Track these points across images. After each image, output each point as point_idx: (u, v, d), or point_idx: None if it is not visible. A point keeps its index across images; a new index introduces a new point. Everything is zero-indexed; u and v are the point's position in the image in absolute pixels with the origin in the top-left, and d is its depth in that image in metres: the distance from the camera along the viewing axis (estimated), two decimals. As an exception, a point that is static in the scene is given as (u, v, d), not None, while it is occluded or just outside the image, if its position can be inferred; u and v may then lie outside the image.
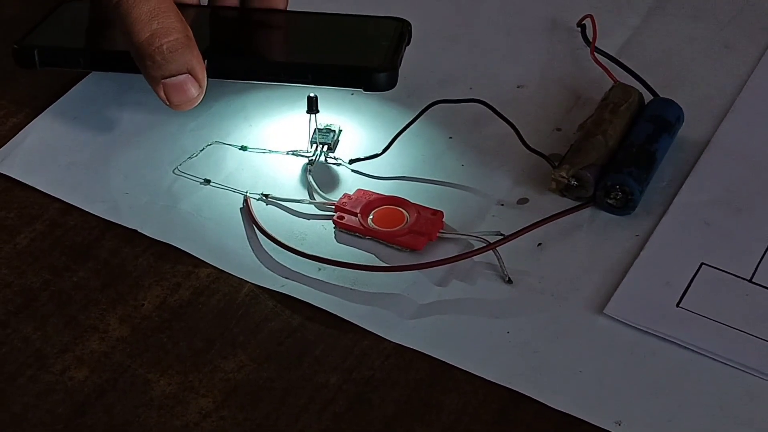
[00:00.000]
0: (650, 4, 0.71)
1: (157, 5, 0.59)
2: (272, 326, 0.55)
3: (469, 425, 0.51)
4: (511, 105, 0.63)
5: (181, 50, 0.60)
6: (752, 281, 0.56)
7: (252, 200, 0.60)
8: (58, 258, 0.58)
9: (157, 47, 0.59)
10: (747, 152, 0.62)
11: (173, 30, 0.60)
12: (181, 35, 0.60)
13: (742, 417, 0.51)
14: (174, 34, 0.59)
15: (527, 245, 0.58)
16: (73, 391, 0.52)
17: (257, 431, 0.50)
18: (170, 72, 0.60)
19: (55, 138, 0.64)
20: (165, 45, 0.59)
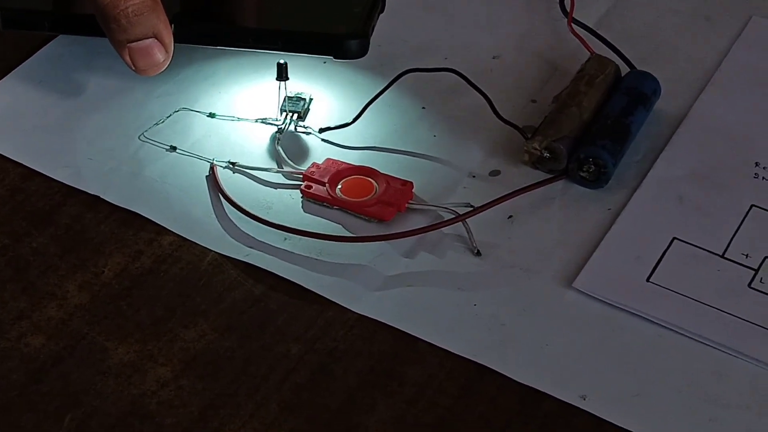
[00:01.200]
0: None
1: None
2: (235, 295, 0.54)
3: (432, 398, 0.51)
4: (486, 75, 0.63)
5: (146, 13, 0.59)
6: (724, 257, 0.56)
7: (218, 168, 0.59)
8: (18, 223, 0.57)
9: (122, 10, 0.58)
10: (723, 127, 0.62)
11: None
12: None
13: (710, 393, 0.51)
14: None
15: (498, 217, 0.58)
16: (29, 358, 0.52)
17: (216, 401, 0.50)
18: (135, 36, 0.59)
19: (19, 102, 0.63)
20: (130, 8, 0.58)
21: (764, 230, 0.57)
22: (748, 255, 0.56)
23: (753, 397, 0.51)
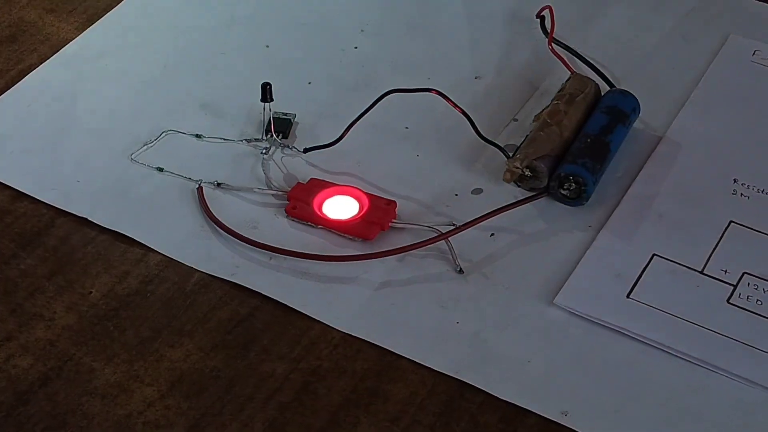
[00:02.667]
0: None
1: None
2: (221, 315, 0.54)
3: (415, 415, 0.51)
4: (468, 95, 0.63)
5: None
6: (703, 273, 0.56)
7: (205, 188, 0.59)
8: (6, 245, 0.57)
9: None
10: (702, 144, 0.62)
11: None
12: None
13: (690, 408, 0.51)
14: None
15: (480, 235, 0.58)
16: (17, 380, 0.51)
17: (202, 420, 0.50)
18: None
19: (8, 126, 0.63)
20: None
21: (743, 246, 0.57)
22: (727, 271, 0.56)
23: (733, 412, 0.51)
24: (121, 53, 0.67)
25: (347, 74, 0.65)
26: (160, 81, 0.64)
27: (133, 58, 0.66)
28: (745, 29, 0.68)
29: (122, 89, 0.64)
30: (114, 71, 0.66)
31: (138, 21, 0.68)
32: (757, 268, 0.56)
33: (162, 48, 0.67)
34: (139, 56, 0.66)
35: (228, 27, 0.68)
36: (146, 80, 0.65)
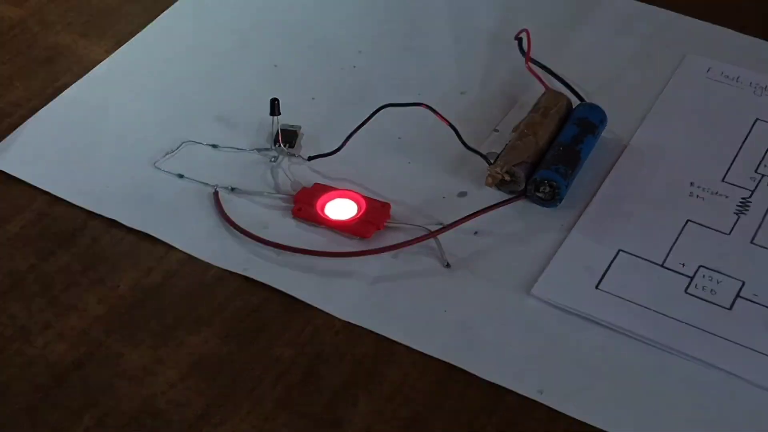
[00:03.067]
0: (580, 20, 0.70)
1: None
2: (234, 305, 0.54)
3: (408, 394, 0.51)
4: (454, 109, 0.63)
5: None
6: (664, 266, 0.56)
7: (221, 192, 0.59)
8: (45, 244, 0.57)
9: None
10: (662, 152, 0.62)
11: None
12: None
13: (652, 388, 0.51)
14: None
15: (465, 233, 0.57)
16: (54, 364, 0.51)
17: (218, 399, 0.50)
18: None
19: (45, 138, 0.63)
20: None
21: (698, 242, 0.57)
22: (684, 264, 0.56)
23: (689, 390, 0.51)
24: (145, 72, 0.66)
25: (346, 90, 0.65)
26: (180, 97, 0.64)
27: (155, 76, 0.66)
28: (700, 49, 0.68)
29: (146, 104, 0.64)
30: (139, 88, 0.65)
31: (160, 44, 0.68)
32: (712, 262, 0.56)
33: (181, 67, 0.67)
34: (161, 75, 0.66)
35: (241, 49, 0.68)
36: (168, 96, 0.65)
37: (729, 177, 0.60)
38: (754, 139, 0.62)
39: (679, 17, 0.70)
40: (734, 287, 0.54)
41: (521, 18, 0.68)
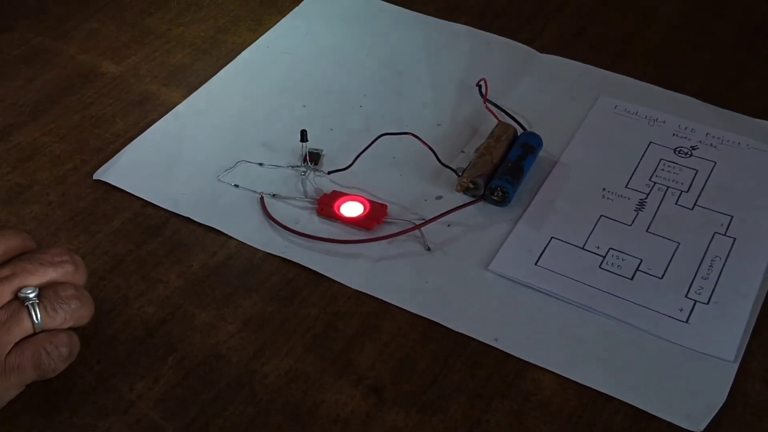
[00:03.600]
0: (523, 71, 0.69)
1: None
2: (275, 278, 0.54)
3: (400, 341, 0.51)
4: (433, 136, 0.62)
5: None
6: (584, 248, 0.56)
7: (265, 198, 0.59)
8: (139, 235, 0.57)
9: None
10: (582, 167, 0.62)
11: None
12: None
13: (576, 336, 0.51)
14: None
15: (441, 226, 0.57)
16: (146, 321, 0.52)
17: (263, 347, 0.50)
18: None
19: (139, 159, 0.62)
20: None
21: (608, 231, 0.57)
22: (599, 247, 0.56)
23: (604, 337, 0.51)
24: (211, 111, 0.66)
25: (355, 123, 0.64)
26: (236, 129, 0.64)
27: (218, 114, 0.66)
28: (609, 92, 0.67)
29: (211, 134, 0.64)
30: (206, 123, 0.65)
31: (221, 91, 0.68)
32: (618, 245, 0.56)
33: (237, 107, 0.66)
34: (222, 113, 0.66)
35: (279, 94, 0.68)
36: (227, 128, 0.65)
37: (630, 184, 0.60)
38: (648, 157, 0.62)
39: (595, 69, 0.69)
40: (634, 263, 0.54)
41: (480, 70, 0.68)
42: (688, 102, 0.66)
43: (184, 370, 0.49)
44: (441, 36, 0.73)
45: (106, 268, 0.54)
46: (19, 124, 0.64)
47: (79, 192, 0.59)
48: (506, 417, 0.47)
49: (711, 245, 0.55)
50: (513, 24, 0.73)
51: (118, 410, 0.47)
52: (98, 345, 0.50)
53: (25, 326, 0.43)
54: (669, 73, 0.68)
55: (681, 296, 0.52)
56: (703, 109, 0.66)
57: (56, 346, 0.44)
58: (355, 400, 0.48)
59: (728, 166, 0.61)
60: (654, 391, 0.48)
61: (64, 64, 0.69)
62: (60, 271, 0.45)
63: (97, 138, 0.63)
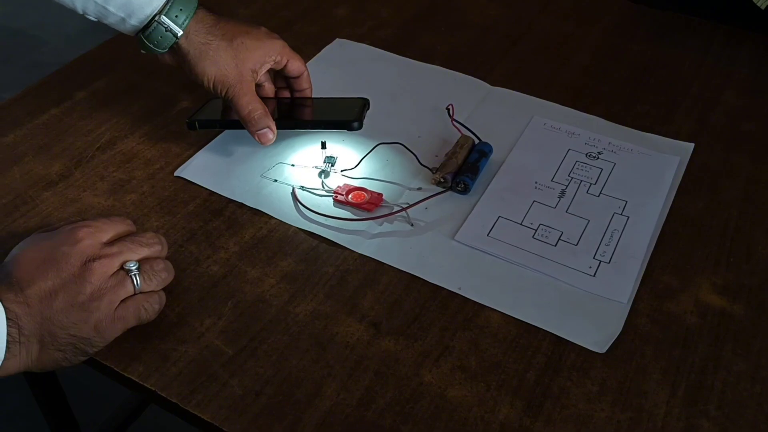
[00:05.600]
0: (478, 99, 0.68)
1: (249, 98, 0.57)
2: (303, 246, 0.53)
3: (392, 291, 0.50)
4: (416, 144, 0.61)
5: (263, 117, 0.57)
6: (522, 224, 0.55)
7: (296, 189, 0.58)
8: (206, 215, 0.56)
9: (252, 117, 0.57)
10: (521, 166, 0.61)
11: (258, 108, 0.57)
12: (262, 110, 0.57)
13: (517, 286, 0.50)
14: (259, 110, 0.57)
15: (420, 209, 0.56)
16: (212, 276, 0.51)
17: (296, 293, 0.50)
18: (259, 127, 0.57)
19: (206, 161, 0.61)
20: (255, 115, 0.57)
21: (539, 212, 0.56)
22: (532, 223, 0.55)
23: (535, 288, 0.50)
24: None
25: (360, 136, 0.62)
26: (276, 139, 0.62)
27: None
28: (540, 113, 0.66)
29: (257, 143, 0.61)
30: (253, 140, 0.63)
31: None
32: (546, 222, 0.55)
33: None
34: None
35: None
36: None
37: (555, 178, 0.59)
38: (567, 159, 0.61)
39: (530, 97, 0.68)
40: (557, 235, 0.54)
41: (448, 98, 0.67)
42: (596, 120, 0.65)
43: (239, 311, 0.48)
44: (421, 74, 0.71)
45: (183, 239, 0.54)
46: (122, 137, 0.63)
47: (164, 185, 0.58)
48: (467, 343, 0.47)
49: (611, 222, 0.55)
50: (472, 65, 0.72)
51: (192, 338, 0.46)
52: (178, 293, 0.49)
53: (128, 289, 0.44)
54: (582, 100, 0.67)
55: (590, 258, 0.52)
56: (606, 125, 0.65)
57: (151, 303, 0.45)
58: (360, 332, 0.47)
59: (624, 166, 0.60)
60: (571, 325, 0.48)
61: (153, 94, 0.68)
62: (152, 250, 0.47)
63: (177, 146, 0.62)
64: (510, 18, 0.79)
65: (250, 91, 0.56)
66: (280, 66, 0.59)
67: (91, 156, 0.61)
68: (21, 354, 0.41)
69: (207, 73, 0.55)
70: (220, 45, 0.54)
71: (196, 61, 0.55)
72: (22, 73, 1.69)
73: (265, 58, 0.57)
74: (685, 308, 0.49)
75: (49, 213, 0.55)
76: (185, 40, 0.54)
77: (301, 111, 0.63)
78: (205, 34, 0.54)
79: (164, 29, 0.53)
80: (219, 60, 0.54)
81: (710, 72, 0.71)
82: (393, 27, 0.77)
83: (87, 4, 0.54)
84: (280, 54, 0.58)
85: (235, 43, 0.55)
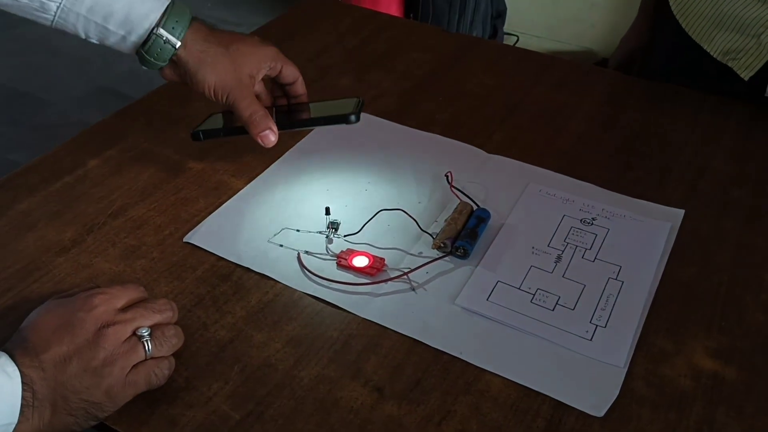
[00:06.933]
0: (476, 167, 0.70)
1: (249, 101, 0.58)
2: (308, 311, 0.55)
3: (395, 355, 0.52)
4: (416, 211, 0.64)
5: (264, 118, 0.58)
6: (520, 288, 0.57)
7: (301, 254, 0.60)
8: (214, 281, 0.58)
9: (253, 119, 0.58)
10: (519, 231, 0.62)
11: (259, 110, 0.58)
12: (263, 112, 0.58)
13: (516, 349, 0.52)
14: (260, 112, 0.58)
15: (421, 273, 0.58)
16: (218, 341, 0.52)
17: (301, 357, 0.51)
18: (261, 129, 0.58)
19: (214, 227, 0.63)
20: (256, 117, 0.58)
21: (536, 277, 0.58)
22: (530, 287, 0.57)
23: (534, 351, 0.51)
24: (264, 194, 0.67)
25: (363, 202, 0.65)
26: (281, 205, 0.65)
27: (269, 195, 0.67)
28: (536, 180, 0.69)
29: (264, 210, 0.65)
30: (260, 202, 0.66)
31: (271, 179, 0.69)
32: (544, 286, 0.57)
33: (282, 190, 0.67)
34: (271, 195, 0.67)
35: (310, 182, 0.69)
36: (275, 205, 0.65)
37: (551, 244, 0.61)
38: (563, 225, 0.63)
39: (526, 165, 0.71)
40: (555, 299, 0.56)
41: (447, 165, 0.69)
42: (590, 187, 0.68)
43: (245, 375, 0.50)
44: (421, 142, 0.75)
45: (191, 304, 0.56)
46: (132, 204, 0.66)
47: (173, 250, 0.61)
48: (468, 407, 0.48)
49: (607, 286, 0.57)
50: (470, 133, 0.75)
51: (200, 403, 0.48)
52: (186, 358, 0.51)
53: (140, 355, 0.46)
54: (576, 167, 0.71)
55: (587, 322, 0.54)
56: (600, 192, 0.68)
57: (161, 369, 0.47)
58: (364, 396, 0.48)
59: (618, 232, 0.63)
60: (569, 388, 0.49)
61: (163, 161, 0.71)
62: (164, 316, 0.49)
63: (186, 213, 0.65)
64: (506, 88, 0.84)
65: (249, 95, 0.57)
66: (275, 72, 0.61)
67: (102, 222, 0.64)
68: (33, 418, 0.43)
69: (207, 80, 0.57)
70: (217, 52, 0.56)
71: (196, 69, 0.56)
72: (28, 135, 1.74)
73: (261, 64, 0.59)
74: (679, 371, 0.51)
75: (62, 278, 0.58)
76: (184, 50, 0.56)
77: (300, 112, 0.66)
78: (202, 42, 0.56)
79: (163, 41, 0.55)
80: (217, 66, 0.56)
81: (700, 139, 0.75)
82: (393, 96, 0.82)
83: (88, 27, 0.55)
84: (275, 60, 0.60)
85: (231, 50, 0.57)
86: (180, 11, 0.57)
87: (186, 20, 0.56)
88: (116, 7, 0.55)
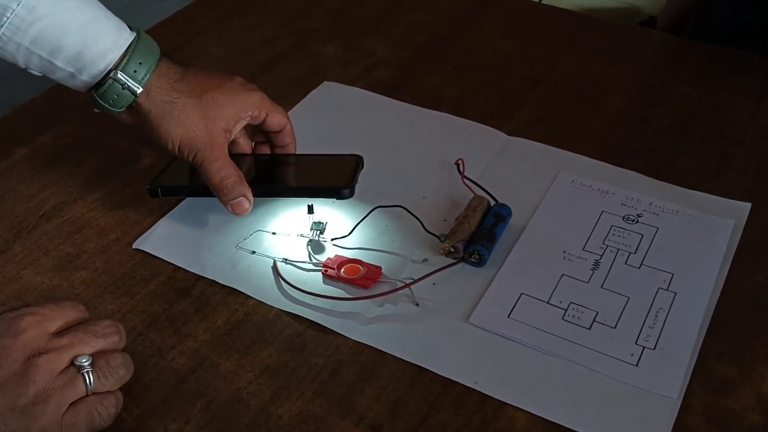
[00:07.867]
0: (493, 151, 0.71)
1: (221, 163, 0.59)
2: (287, 332, 0.55)
3: (395, 386, 0.51)
4: (419, 207, 0.63)
5: (237, 185, 0.59)
6: (549, 302, 0.57)
7: (278, 262, 0.60)
8: (171, 296, 0.58)
9: (224, 186, 0.59)
10: (546, 232, 0.62)
11: (231, 175, 0.59)
12: (236, 177, 0.59)
13: (545, 377, 0.52)
14: (232, 177, 0.59)
15: (427, 285, 0.58)
16: (177, 370, 0.52)
17: (277, 392, 0.51)
18: (233, 197, 0.59)
19: (171, 230, 0.63)
20: (228, 183, 0.59)
21: (569, 288, 0.58)
22: (561, 301, 0.57)
23: (565, 379, 0.52)
24: None
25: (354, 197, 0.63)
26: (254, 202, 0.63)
27: None
28: (567, 169, 0.69)
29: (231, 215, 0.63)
30: None
31: None
32: (578, 300, 0.57)
33: None
34: None
35: None
36: None
37: (587, 247, 0.61)
38: (601, 223, 0.63)
39: (554, 149, 0.71)
40: (592, 315, 0.56)
41: (458, 151, 0.69)
42: (633, 177, 0.68)
43: (210, 413, 0.50)
44: (425, 122, 0.74)
45: (143, 325, 0.55)
46: (70, 202, 0.66)
47: (120, 259, 0.60)
48: (485, 450, 0.48)
49: (656, 299, 0.57)
50: (484, 112, 0.75)
51: (154, 449, 0.48)
52: (137, 392, 0.50)
53: (80, 390, 0.45)
54: (617, 153, 0.71)
55: (631, 343, 0.54)
56: (647, 182, 0.67)
57: (106, 407, 0.46)
58: (357, 437, 0.48)
59: (668, 231, 0.63)
60: (610, 425, 0.49)
61: (109, 150, 0.71)
62: (108, 341, 0.48)
63: (136, 213, 0.64)
64: (529, 56, 0.83)
65: (222, 155, 0.58)
66: (257, 121, 0.62)
67: (33, 226, 0.63)
68: None
69: (171, 135, 0.57)
70: (186, 103, 0.56)
71: (159, 121, 0.57)
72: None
73: (240, 115, 0.59)
74: (746, 404, 0.50)
75: (-18, 295, 0.57)
76: (146, 98, 0.56)
77: (283, 173, 0.65)
78: (169, 91, 0.57)
79: (120, 87, 0.55)
80: (185, 120, 0.56)
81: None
82: (391, 67, 0.81)
83: (30, 58, 0.56)
84: (258, 108, 0.60)
85: (204, 100, 0.57)
86: (146, 49, 0.56)
87: (152, 61, 0.56)
88: (67, 42, 0.54)
